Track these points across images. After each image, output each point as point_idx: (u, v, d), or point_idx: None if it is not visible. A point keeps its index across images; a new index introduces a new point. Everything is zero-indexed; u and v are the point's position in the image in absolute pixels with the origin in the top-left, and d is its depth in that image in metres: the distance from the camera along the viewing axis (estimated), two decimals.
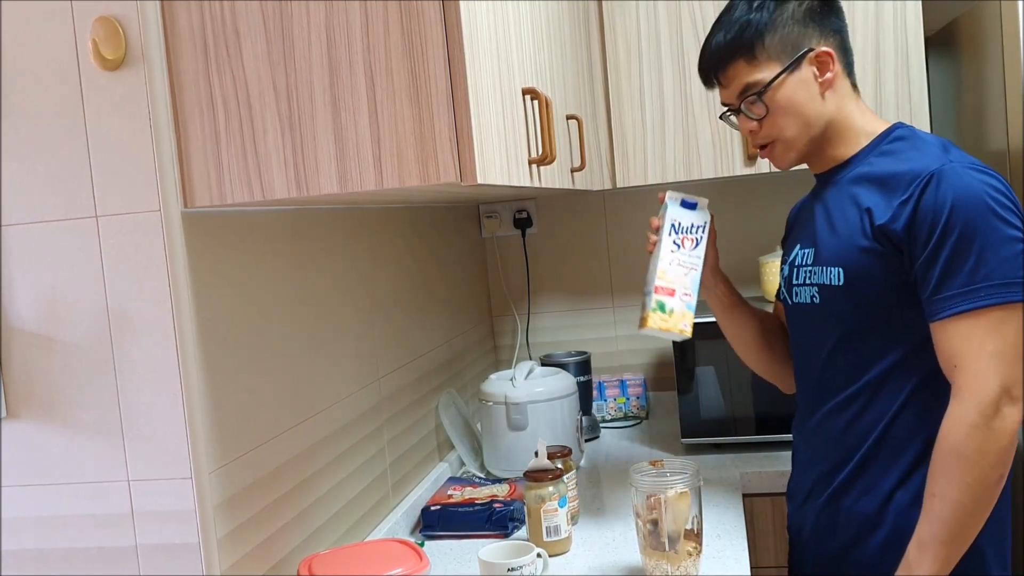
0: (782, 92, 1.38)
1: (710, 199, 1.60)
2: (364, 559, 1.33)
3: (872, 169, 1.37)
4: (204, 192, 1.19)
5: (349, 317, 1.71)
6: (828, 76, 1.39)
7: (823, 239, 1.41)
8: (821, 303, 1.40)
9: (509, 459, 2.06)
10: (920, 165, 1.30)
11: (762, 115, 1.40)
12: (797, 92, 1.38)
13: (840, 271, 1.36)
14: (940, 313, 1.26)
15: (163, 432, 1.18)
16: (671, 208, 1.55)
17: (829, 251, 1.39)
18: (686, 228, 1.53)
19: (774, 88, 1.38)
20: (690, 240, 1.53)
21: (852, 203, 1.37)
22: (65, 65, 1.17)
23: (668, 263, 1.50)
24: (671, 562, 1.45)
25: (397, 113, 1.13)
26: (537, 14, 1.65)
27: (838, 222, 1.39)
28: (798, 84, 1.38)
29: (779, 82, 1.38)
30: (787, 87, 1.38)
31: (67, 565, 1.21)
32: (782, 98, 1.39)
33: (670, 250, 1.51)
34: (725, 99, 1.46)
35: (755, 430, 2.14)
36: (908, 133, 1.41)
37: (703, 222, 1.54)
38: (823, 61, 1.39)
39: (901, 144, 1.38)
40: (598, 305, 2.71)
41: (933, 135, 1.42)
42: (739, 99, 1.42)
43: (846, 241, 1.36)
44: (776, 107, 1.39)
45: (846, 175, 1.42)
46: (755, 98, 1.39)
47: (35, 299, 1.20)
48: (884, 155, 1.38)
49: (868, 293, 1.34)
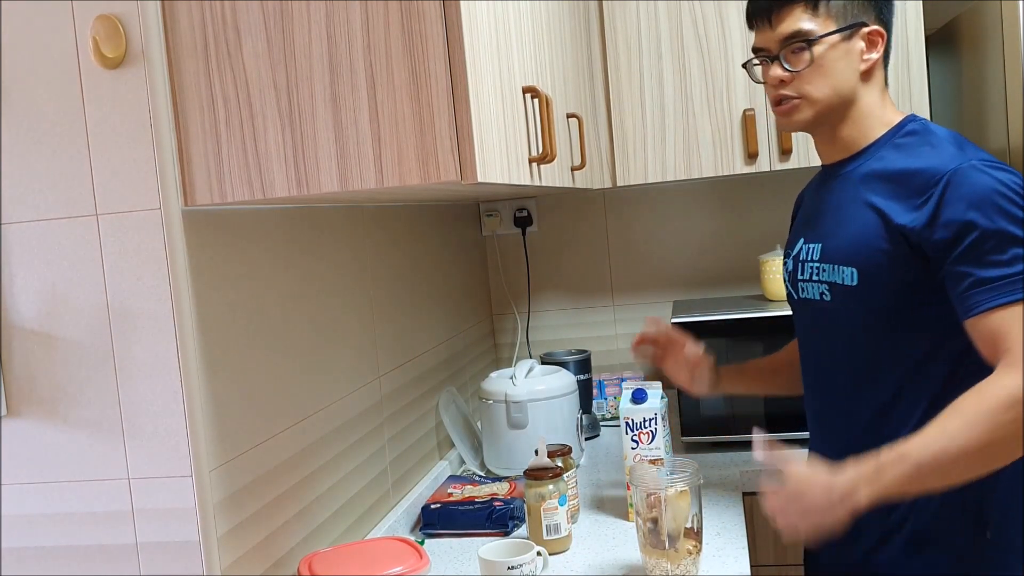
0: (829, 52, 1.36)
1: (710, 199, 1.61)
2: (364, 557, 1.33)
3: (884, 165, 1.36)
4: (204, 190, 1.19)
5: (349, 315, 1.71)
6: (873, 56, 1.38)
7: (832, 236, 1.40)
8: (832, 301, 1.39)
9: (509, 457, 2.06)
10: (936, 164, 1.29)
11: (802, 67, 1.37)
12: (842, 58, 1.37)
13: (854, 271, 1.34)
14: (979, 307, 1.22)
15: (163, 430, 1.18)
16: (622, 405, 1.72)
17: (840, 250, 1.37)
18: (639, 424, 1.70)
19: (824, 43, 1.36)
20: (646, 435, 1.70)
21: (863, 201, 1.36)
22: (66, 63, 1.17)
23: (633, 460, 1.71)
24: (671, 560, 1.45)
25: (397, 111, 1.13)
26: (537, 12, 1.65)
27: (849, 220, 1.37)
28: (845, 51, 1.37)
29: (830, 40, 1.36)
30: (836, 49, 1.36)
31: (67, 563, 1.22)
32: (827, 57, 1.36)
33: (631, 448, 1.72)
34: (764, 43, 1.42)
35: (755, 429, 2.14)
36: (920, 127, 1.39)
37: (654, 413, 1.70)
38: (873, 40, 1.38)
39: (913, 139, 1.37)
40: (598, 303, 2.71)
41: (945, 129, 1.40)
42: (782, 44, 1.38)
43: (860, 241, 1.34)
44: (818, 63, 1.36)
45: (856, 169, 1.40)
46: (804, 47, 1.36)
47: (36, 297, 1.20)
48: (896, 149, 1.37)
49: (882, 294, 1.32)
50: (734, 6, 2.20)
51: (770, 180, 2.55)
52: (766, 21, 1.41)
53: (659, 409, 1.70)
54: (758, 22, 1.43)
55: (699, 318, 2.16)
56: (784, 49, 1.38)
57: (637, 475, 1.50)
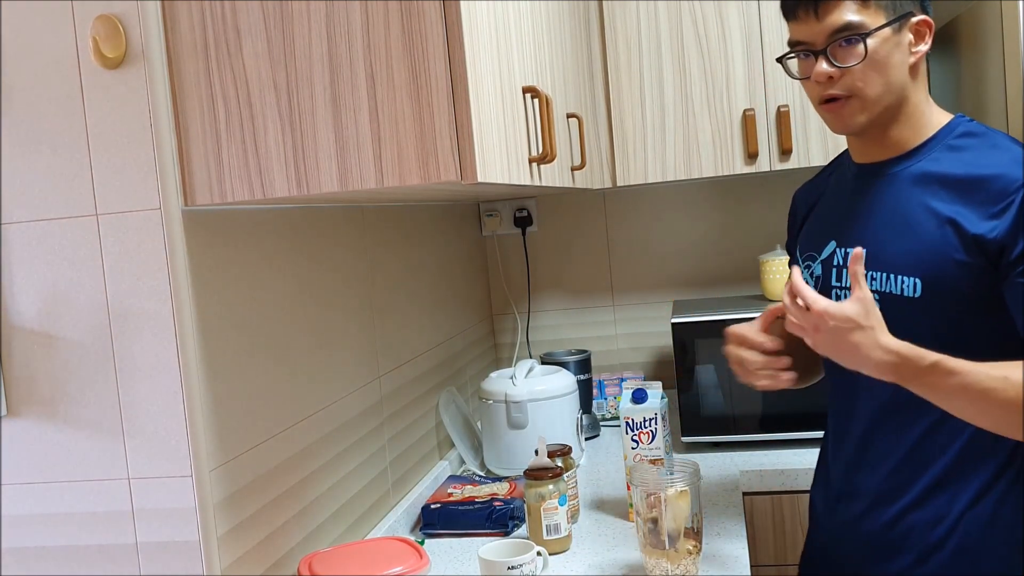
0: (883, 45, 1.27)
1: (710, 199, 1.61)
2: (364, 557, 1.33)
3: (942, 169, 1.28)
4: (204, 190, 1.19)
5: (349, 315, 1.71)
6: (922, 48, 1.31)
7: (884, 242, 1.30)
8: (883, 312, 1.24)
9: (509, 457, 2.06)
10: (1013, 169, 1.22)
11: (854, 63, 1.27)
12: (894, 52, 1.28)
13: (917, 282, 1.26)
14: None
15: (163, 430, 1.18)
16: (622, 405, 1.73)
17: (899, 257, 1.28)
18: (639, 424, 1.70)
19: (878, 37, 1.27)
20: (646, 435, 1.70)
21: (924, 207, 1.28)
22: (66, 63, 1.17)
23: (633, 460, 1.71)
24: (671, 560, 1.45)
25: (397, 111, 1.13)
26: (537, 12, 1.65)
27: (906, 225, 1.28)
28: (896, 44, 1.28)
29: (884, 33, 1.27)
30: (888, 43, 1.28)
31: (67, 563, 1.22)
32: (881, 51, 1.27)
33: (631, 448, 1.72)
34: (806, 35, 1.31)
35: (755, 428, 2.14)
36: (978, 128, 1.32)
37: (654, 413, 1.70)
38: (921, 31, 1.30)
39: (972, 140, 1.30)
40: (598, 303, 2.71)
41: (999, 131, 1.33)
42: (831, 38, 1.28)
43: (926, 249, 1.25)
44: (872, 58, 1.27)
45: (905, 170, 1.32)
46: (858, 40, 1.26)
47: (36, 297, 1.20)
48: (953, 152, 1.30)
49: (948, 307, 1.25)
50: (734, 6, 2.20)
51: (770, 180, 2.55)
52: (811, 12, 1.29)
53: (659, 409, 1.70)
54: (802, 12, 1.31)
55: (699, 318, 2.16)
56: (831, 43, 1.28)
57: (637, 475, 1.50)
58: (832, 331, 1.18)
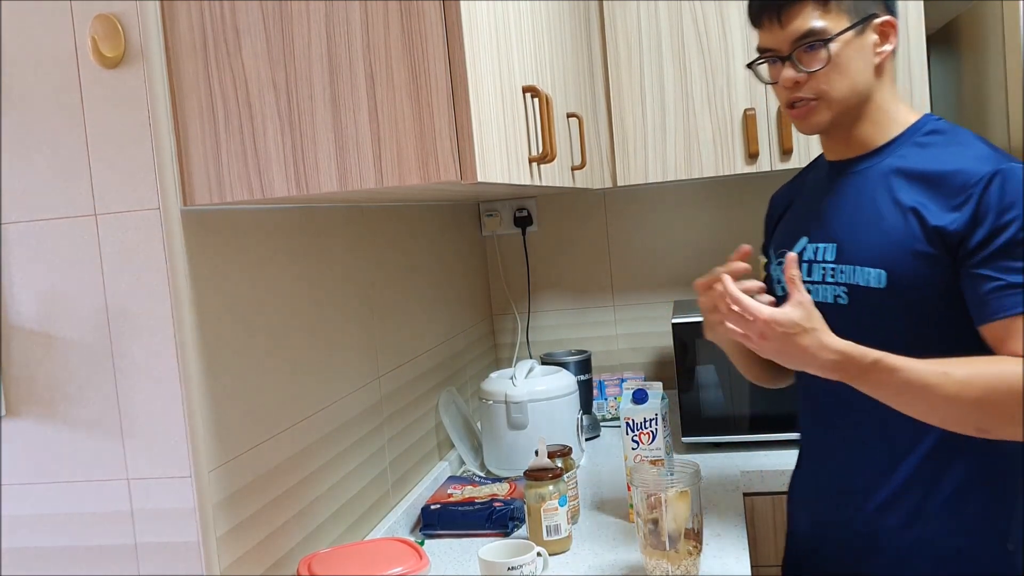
0: (845, 49, 1.31)
1: (711, 199, 1.61)
2: (364, 558, 1.33)
3: (909, 164, 1.31)
4: (204, 190, 1.19)
5: (349, 315, 1.70)
6: (887, 48, 1.34)
7: (851, 235, 1.34)
8: (851, 304, 1.33)
9: (509, 458, 2.06)
10: (974, 165, 1.25)
11: (818, 67, 1.31)
12: (857, 54, 1.32)
13: (882, 273, 1.29)
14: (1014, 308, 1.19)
15: (163, 430, 1.18)
16: (623, 406, 1.72)
17: (864, 249, 1.32)
18: (639, 424, 1.70)
19: (840, 41, 1.31)
20: (646, 435, 1.70)
21: (890, 200, 1.31)
22: (65, 63, 1.17)
23: (634, 460, 1.71)
24: (671, 561, 1.45)
25: (397, 111, 1.13)
26: (537, 12, 1.65)
27: (872, 218, 1.32)
28: (859, 46, 1.32)
29: (846, 37, 1.31)
30: (850, 46, 1.31)
31: (67, 563, 1.21)
32: (843, 54, 1.31)
33: (631, 448, 1.71)
34: (772, 43, 1.35)
35: (756, 429, 2.14)
36: (944, 126, 1.35)
37: (655, 413, 1.69)
38: (886, 32, 1.34)
39: (940, 138, 1.33)
40: (598, 304, 2.71)
41: (965, 129, 1.36)
42: (795, 44, 1.32)
43: (889, 241, 1.29)
44: (835, 62, 1.31)
45: (875, 166, 1.35)
46: (821, 45, 1.30)
47: (35, 297, 1.20)
48: (920, 148, 1.33)
49: (912, 298, 1.27)
50: (735, 5, 2.20)
51: (771, 180, 2.55)
52: (775, 20, 1.34)
53: (659, 409, 1.70)
54: (766, 20, 1.36)
55: (700, 318, 2.14)
56: (796, 49, 1.32)
57: (637, 476, 1.50)
58: (779, 337, 1.20)
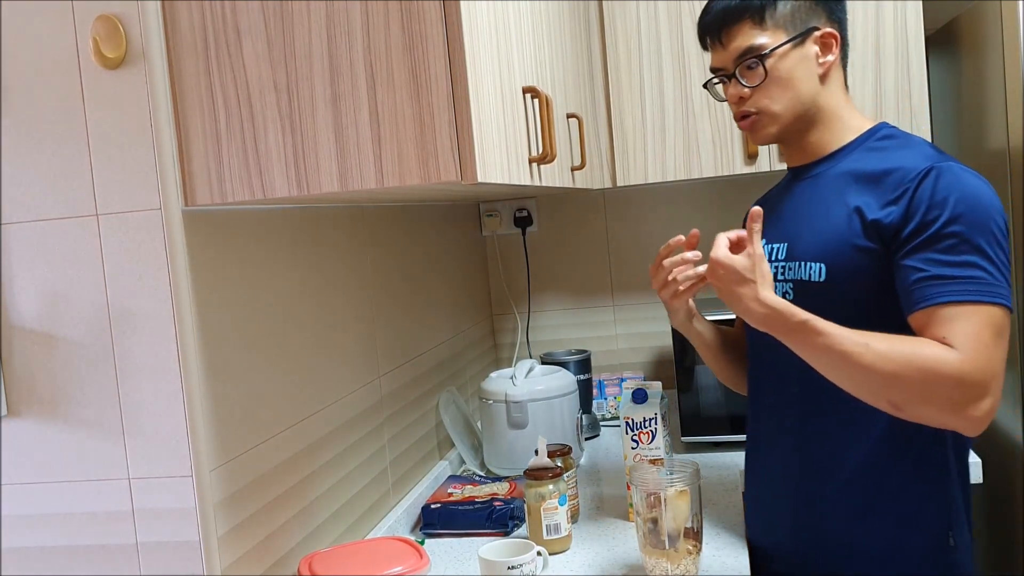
0: (783, 63, 1.36)
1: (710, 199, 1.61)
2: (364, 557, 1.33)
3: (860, 166, 1.35)
4: (205, 190, 1.19)
5: (349, 315, 1.71)
6: (829, 59, 1.38)
7: (799, 234, 1.39)
8: (796, 299, 1.36)
9: (509, 457, 2.06)
10: (914, 162, 1.29)
11: (758, 83, 1.37)
12: (797, 66, 1.37)
13: (822, 267, 1.33)
14: (936, 298, 1.21)
15: (164, 430, 1.18)
16: (623, 405, 1.72)
17: (809, 245, 1.36)
18: (639, 424, 1.70)
19: (776, 56, 1.36)
20: (646, 435, 1.70)
21: (837, 199, 1.35)
22: (66, 63, 1.17)
23: (633, 460, 1.70)
24: (671, 560, 1.45)
25: (398, 112, 1.13)
26: (537, 12, 1.65)
27: (819, 217, 1.37)
28: (800, 59, 1.37)
29: (782, 51, 1.36)
30: (789, 59, 1.36)
31: (68, 563, 1.22)
32: (782, 68, 1.37)
33: (631, 448, 1.71)
34: (719, 62, 1.42)
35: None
36: (896, 132, 1.40)
37: (654, 413, 1.69)
38: (827, 43, 1.38)
39: (890, 142, 1.37)
40: (598, 303, 2.71)
41: (919, 136, 1.41)
42: (736, 62, 1.39)
43: (831, 236, 1.33)
44: (774, 76, 1.37)
45: (829, 170, 1.40)
46: (756, 62, 1.36)
47: (36, 297, 1.20)
48: (872, 152, 1.37)
49: (850, 290, 1.31)
50: None
51: (770, 180, 2.54)
52: (717, 41, 1.41)
53: (659, 409, 1.70)
54: (710, 42, 1.43)
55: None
56: (739, 66, 1.38)
57: (637, 475, 1.50)
58: (722, 279, 1.30)
